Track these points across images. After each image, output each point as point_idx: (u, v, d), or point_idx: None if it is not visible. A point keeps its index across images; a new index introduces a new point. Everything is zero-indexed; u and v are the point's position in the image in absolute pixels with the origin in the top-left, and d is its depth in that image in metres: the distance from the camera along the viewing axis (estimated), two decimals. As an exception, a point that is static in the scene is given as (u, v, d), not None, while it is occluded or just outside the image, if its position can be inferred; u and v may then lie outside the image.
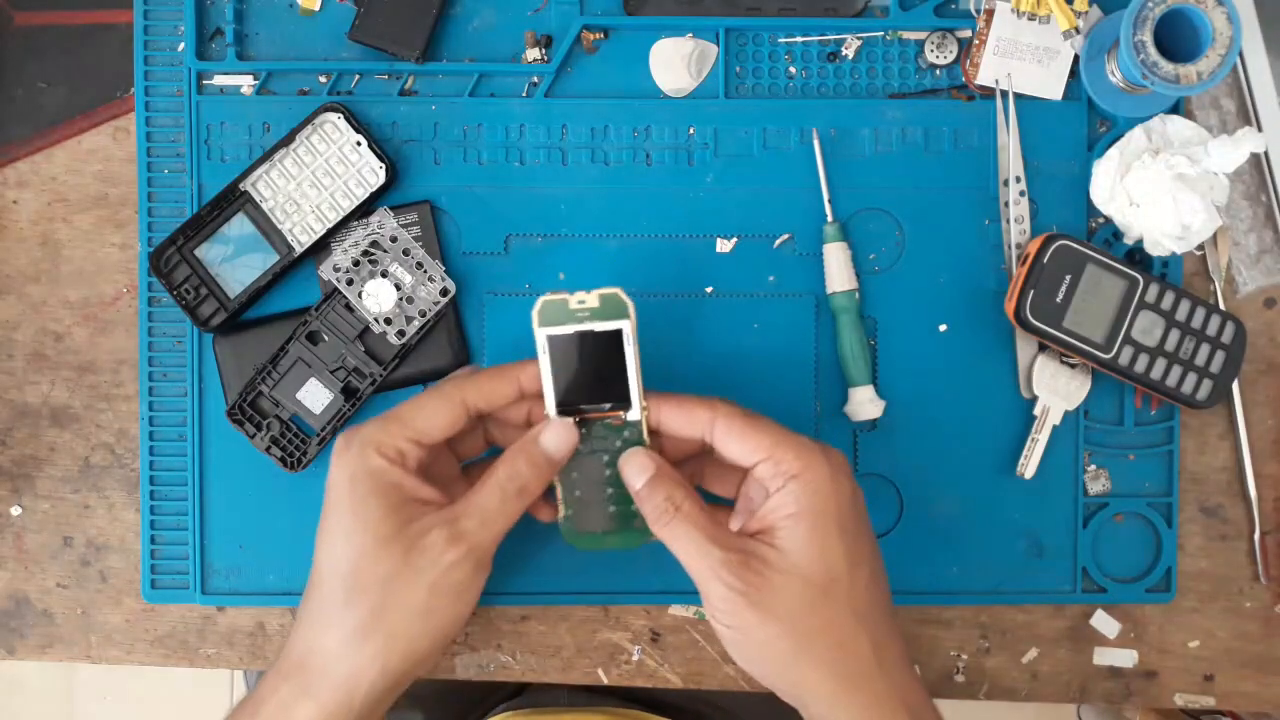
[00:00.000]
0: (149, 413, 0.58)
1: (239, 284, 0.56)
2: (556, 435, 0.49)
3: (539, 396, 0.50)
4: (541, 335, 0.49)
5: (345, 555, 0.47)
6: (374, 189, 0.56)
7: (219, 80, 0.58)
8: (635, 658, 0.59)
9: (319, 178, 0.56)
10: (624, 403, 0.49)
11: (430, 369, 0.57)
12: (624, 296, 0.48)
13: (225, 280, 0.56)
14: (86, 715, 1.39)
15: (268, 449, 0.56)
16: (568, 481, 0.51)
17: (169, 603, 0.59)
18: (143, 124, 0.58)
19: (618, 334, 0.48)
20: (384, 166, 0.56)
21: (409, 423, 0.48)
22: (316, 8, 0.58)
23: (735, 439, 0.48)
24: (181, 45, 0.57)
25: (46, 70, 0.59)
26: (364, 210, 0.56)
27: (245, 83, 0.58)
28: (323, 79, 0.58)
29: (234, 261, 0.56)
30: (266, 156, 0.56)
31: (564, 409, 0.50)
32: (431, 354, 0.57)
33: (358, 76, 0.58)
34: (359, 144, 0.56)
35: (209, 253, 0.56)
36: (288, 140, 0.56)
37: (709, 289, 0.58)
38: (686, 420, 0.49)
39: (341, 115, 0.56)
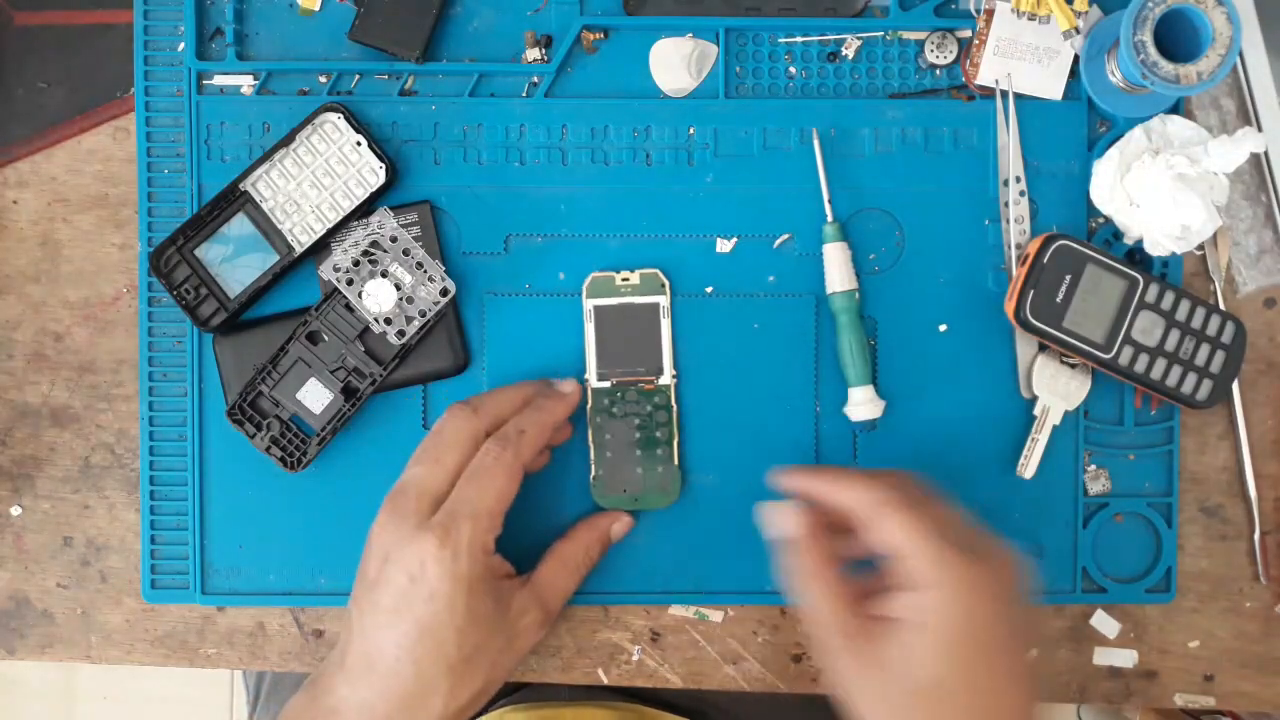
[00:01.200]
0: (149, 413, 0.58)
1: (239, 284, 0.56)
2: (623, 526, 0.56)
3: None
4: (589, 305, 0.56)
5: (456, 650, 0.49)
6: (374, 189, 0.56)
7: (219, 80, 0.58)
8: (635, 658, 0.59)
9: (319, 178, 0.56)
10: (656, 370, 0.56)
11: (430, 370, 0.57)
12: (662, 276, 0.56)
13: (225, 280, 0.56)
14: (86, 715, 1.39)
15: (268, 449, 0.56)
16: (600, 443, 0.56)
17: (169, 603, 0.59)
18: (143, 124, 0.58)
19: (655, 307, 0.56)
20: (384, 166, 0.56)
21: (496, 511, 0.50)
22: (316, 8, 0.58)
23: (880, 530, 0.47)
24: (181, 45, 0.57)
25: (46, 70, 0.59)
26: (364, 210, 0.56)
27: (245, 83, 0.58)
28: (323, 79, 0.58)
29: (234, 261, 0.56)
30: (266, 156, 0.56)
31: (603, 373, 0.56)
32: (431, 354, 0.57)
33: (358, 76, 0.58)
34: (359, 144, 0.56)
35: (209, 253, 0.56)
36: (288, 140, 0.56)
37: (709, 289, 0.58)
38: (846, 500, 0.49)
39: (341, 115, 0.56)
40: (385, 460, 0.57)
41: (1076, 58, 0.57)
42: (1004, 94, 0.57)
